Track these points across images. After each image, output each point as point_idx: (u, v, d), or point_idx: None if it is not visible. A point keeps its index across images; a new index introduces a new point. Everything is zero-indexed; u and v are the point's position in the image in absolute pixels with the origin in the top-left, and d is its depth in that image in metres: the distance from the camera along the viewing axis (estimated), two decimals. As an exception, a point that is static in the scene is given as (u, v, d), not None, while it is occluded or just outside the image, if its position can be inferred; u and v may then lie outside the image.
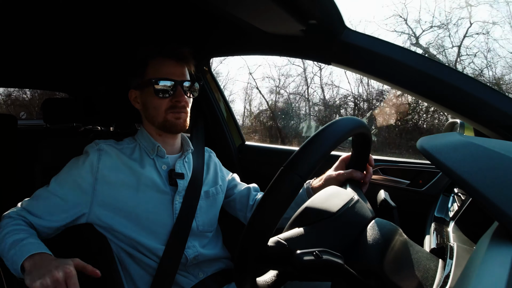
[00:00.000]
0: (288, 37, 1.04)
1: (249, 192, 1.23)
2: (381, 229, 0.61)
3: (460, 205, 0.84)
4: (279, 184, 0.53)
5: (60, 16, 1.22)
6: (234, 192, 1.25)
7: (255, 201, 1.21)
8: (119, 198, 0.99)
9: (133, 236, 0.99)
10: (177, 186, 1.06)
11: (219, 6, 0.95)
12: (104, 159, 1.01)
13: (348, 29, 0.88)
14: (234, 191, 1.25)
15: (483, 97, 0.72)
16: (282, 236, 0.59)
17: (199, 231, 1.10)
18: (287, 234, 0.59)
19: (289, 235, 0.59)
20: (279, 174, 0.54)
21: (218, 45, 1.47)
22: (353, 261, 0.56)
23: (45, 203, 0.96)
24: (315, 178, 1.06)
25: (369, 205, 0.74)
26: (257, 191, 1.26)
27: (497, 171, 0.43)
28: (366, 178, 0.91)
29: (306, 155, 0.55)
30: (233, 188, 1.26)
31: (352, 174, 0.90)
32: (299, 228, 0.61)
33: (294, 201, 0.82)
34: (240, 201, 1.23)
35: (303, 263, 0.49)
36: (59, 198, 0.96)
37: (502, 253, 0.38)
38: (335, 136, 0.59)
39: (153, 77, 1.00)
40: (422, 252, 0.63)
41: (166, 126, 1.04)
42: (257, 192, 1.25)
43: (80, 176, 0.98)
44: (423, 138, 0.54)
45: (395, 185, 1.33)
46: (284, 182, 0.53)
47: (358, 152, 0.89)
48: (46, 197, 0.97)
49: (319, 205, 0.65)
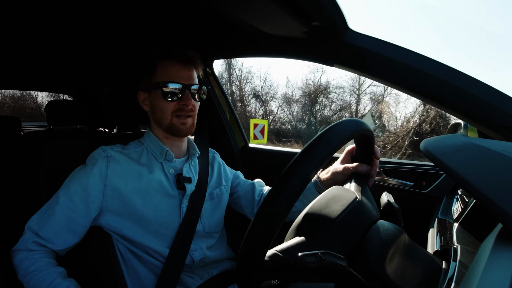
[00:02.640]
0: (291, 39, 1.04)
1: (253, 188, 1.23)
2: (384, 231, 0.61)
3: (463, 207, 0.84)
4: (267, 207, 0.53)
5: (65, 18, 1.23)
6: (238, 189, 1.26)
7: (261, 196, 1.21)
8: (128, 204, 0.99)
9: (140, 239, 0.99)
10: (185, 190, 1.06)
11: (222, 8, 0.95)
12: (113, 166, 1.01)
13: (351, 31, 0.88)
14: (238, 188, 1.26)
15: (487, 98, 0.72)
16: (279, 248, 0.58)
17: (205, 233, 1.10)
18: (284, 246, 0.59)
19: (287, 246, 0.58)
20: (268, 196, 0.53)
21: (221, 47, 1.48)
22: (356, 263, 0.56)
23: (57, 221, 0.95)
24: (322, 169, 1.06)
25: (374, 202, 0.73)
26: (262, 186, 1.26)
27: (501, 173, 0.43)
28: (372, 171, 0.90)
29: (292, 176, 0.53)
30: (237, 186, 1.26)
31: (358, 169, 0.89)
32: (299, 238, 0.60)
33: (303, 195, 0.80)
34: (245, 197, 1.23)
35: (305, 265, 0.49)
36: (71, 210, 0.95)
37: (506, 255, 0.38)
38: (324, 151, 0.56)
39: (161, 80, 1.00)
40: (426, 254, 0.63)
41: (172, 130, 1.04)
42: (262, 187, 1.26)
43: (89, 184, 0.98)
44: (426, 140, 0.54)
45: (398, 187, 1.33)
46: (272, 205, 0.52)
47: (362, 146, 0.88)
48: (58, 214, 0.96)
49: (319, 212, 0.63)
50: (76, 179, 1.00)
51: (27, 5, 1.08)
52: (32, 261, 0.91)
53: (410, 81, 0.81)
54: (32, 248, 0.93)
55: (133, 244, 1.01)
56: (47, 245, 0.94)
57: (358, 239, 0.60)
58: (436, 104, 0.81)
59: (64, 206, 0.96)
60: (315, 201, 0.68)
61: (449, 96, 0.76)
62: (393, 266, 0.55)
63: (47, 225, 0.95)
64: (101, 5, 1.13)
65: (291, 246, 0.59)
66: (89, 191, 0.97)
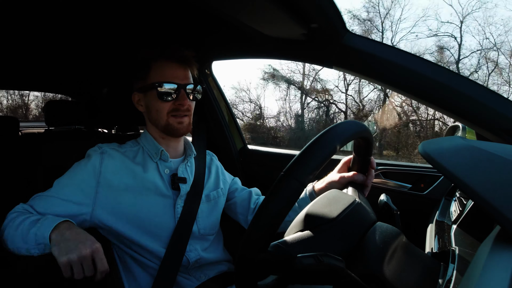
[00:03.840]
0: (290, 41, 1.04)
1: (250, 196, 1.23)
2: (382, 233, 0.61)
3: (462, 209, 0.84)
4: (278, 189, 0.53)
5: (62, 19, 1.22)
6: (235, 195, 1.25)
7: (257, 205, 1.20)
8: (121, 202, 0.99)
9: (135, 238, 0.99)
10: (180, 190, 1.06)
11: (221, 9, 0.95)
12: (107, 163, 1.01)
13: (350, 33, 0.88)
14: (235, 194, 1.25)
15: (486, 101, 0.72)
16: (282, 241, 0.58)
17: (200, 235, 1.10)
18: (287, 239, 0.59)
19: (289, 240, 0.59)
20: (279, 180, 0.54)
21: (220, 49, 1.48)
22: (354, 265, 0.56)
23: (46, 202, 0.96)
24: (317, 180, 1.06)
25: (370, 207, 0.73)
26: (259, 195, 1.26)
27: (499, 175, 0.43)
28: (368, 181, 0.91)
29: (305, 160, 0.55)
30: (234, 192, 1.26)
31: (354, 177, 0.91)
32: (300, 233, 0.61)
33: (298, 204, 0.80)
34: (241, 204, 1.23)
35: (303, 267, 0.49)
36: (60, 199, 0.96)
37: (504, 257, 0.38)
38: (335, 141, 0.59)
39: (156, 80, 1.00)
40: (424, 256, 0.63)
41: (169, 130, 1.04)
42: (259, 196, 1.25)
43: (83, 180, 0.98)
44: (425, 142, 0.54)
45: (396, 188, 1.33)
46: (284, 187, 0.53)
47: (360, 155, 0.89)
48: (46, 197, 0.97)
49: (320, 211, 0.64)
50: (70, 175, 1.01)
51: (24, 6, 1.08)
52: (19, 215, 0.91)
53: (408, 83, 0.81)
54: (22, 211, 0.94)
55: (128, 246, 1.01)
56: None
57: (357, 240, 0.60)
58: (434, 106, 0.81)
59: (54, 195, 0.97)
60: (315, 201, 0.69)
61: (448, 98, 0.76)
62: (391, 268, 0.55)
63: (36, 203, 0.96)
64: (99, 5, 1.13)
65: (293, 239, 0.60)
66: (82, 187, 0.98)
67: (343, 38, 0.87)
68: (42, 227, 0.83)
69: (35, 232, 0.83)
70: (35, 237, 0.83)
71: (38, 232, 0.83)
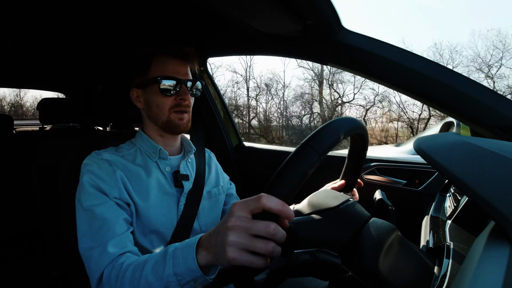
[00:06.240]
0: (285, 37, 1.04)
1: None
2: (377, 228, 0.61)
3: (456, 205, 0.85)
4: (297, 157, 0.55)
5: (59, 16, 1.21)
6: (230, 201, 1.24)
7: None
8: (131, 204, 0.97)
9: (139, 239, 0.98)
10: (183, 187, 1.05)
11: (216, 6, 0.95)
12: (114, 168, 0.97)
13: (345, 29, 0.88)
14: (231, 200, 1.24)
15: (480, 97, 0.73)
16: None
17: (201, 231, 1.09)
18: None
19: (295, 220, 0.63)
20: (298, 149, 0.56)
21: (215, 45, 1.47)
22: (350, 260, 0.56)
23: (104, 225, 0.86)
24: (296, 203, 1.06)
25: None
26: None
27: (493, 171, 0.43)
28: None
29: (325, 134, 0.58)
30: (230, 196, 1.25)
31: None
32: (304, 216, 0.65)
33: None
34: None
35: (300, 263, 0.49)
36: (109, 223, 0.87)
37: (499, 252, 0.39)
38: (351, 124, 0.65)
39: (157, 75, 0.99)
40: (419, 252, 0.63)
41: (169, 126, 1.03)
42: None
43: (101, 183, 0.92)
44: (419, 138, 0.54)
45: (391, 185, 1.34)
46: (302, 156, 0.55)
47: (349, 172, 0.94)
48: (98, 219, 0.87)
49: (321, 200, 0.69)
50: (87, 187, 0.91)
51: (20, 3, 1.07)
52: (121, 265, 0.78)
53: (403, 80, 0.81)
54: (115, 266, 0.80)
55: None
56: (122, 248, 0.84)
57: (354, 231, 0.61)
58: (429, 103, 0.82)
59: (94, 210, 0.87)
60: (315, 194, 0.74)
61: (442, 95, 0.77)
62: (386, 264, 0.55)
63: (104, 235, 0.84)
64: (94, 2, 1.12)
65: (298, 220, 0.64)
66: (104, 190, 0.91)
67: (338, 34, 0.87)
68: (181, 263, 0.68)
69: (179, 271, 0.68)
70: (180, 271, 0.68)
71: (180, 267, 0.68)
